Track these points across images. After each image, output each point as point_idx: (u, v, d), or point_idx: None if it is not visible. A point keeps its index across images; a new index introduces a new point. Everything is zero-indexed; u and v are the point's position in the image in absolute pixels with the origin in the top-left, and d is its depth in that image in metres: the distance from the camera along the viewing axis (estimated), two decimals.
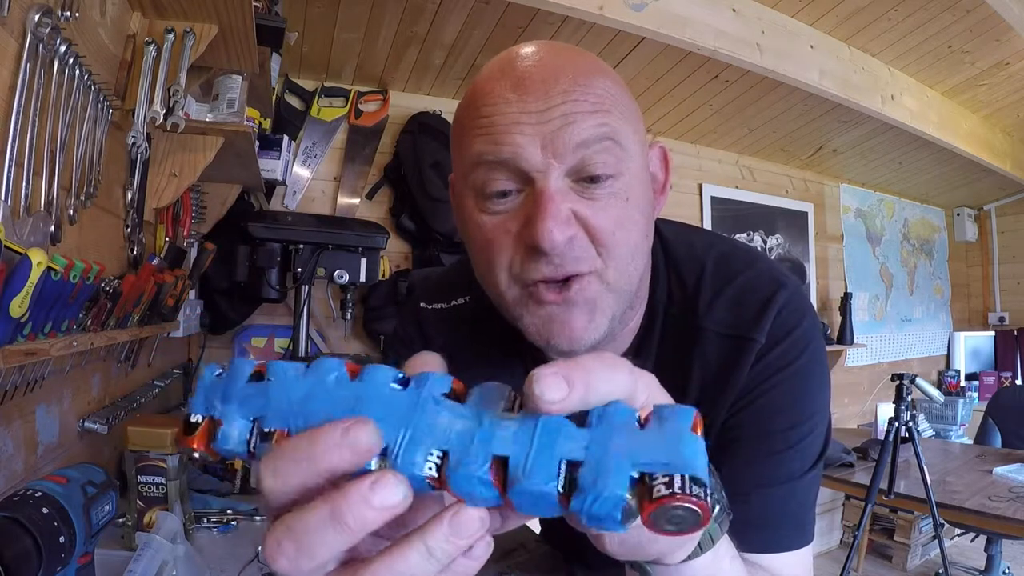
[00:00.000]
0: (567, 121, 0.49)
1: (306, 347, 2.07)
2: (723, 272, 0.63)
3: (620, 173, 0.52)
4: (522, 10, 1.90)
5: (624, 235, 0.52)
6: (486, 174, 0.52)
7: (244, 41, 1.35)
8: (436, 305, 0.73)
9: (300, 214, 2.18)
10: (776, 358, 0.59)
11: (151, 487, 1.03)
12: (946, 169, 3.74)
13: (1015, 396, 3.11)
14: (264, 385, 0.28)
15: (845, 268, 4.00)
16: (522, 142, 0.50)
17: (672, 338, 0.63)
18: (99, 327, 0.96)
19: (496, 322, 0.64)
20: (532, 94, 0.50)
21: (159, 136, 1.33)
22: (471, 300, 0.71)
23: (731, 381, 0.60)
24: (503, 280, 0.54)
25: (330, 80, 2.45)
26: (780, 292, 0.60)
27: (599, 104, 0.51)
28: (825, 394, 0.62)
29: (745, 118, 2.93)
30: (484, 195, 0.53)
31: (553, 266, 0.51)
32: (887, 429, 2.25)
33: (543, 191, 0.50)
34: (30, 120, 0.80)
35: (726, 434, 0.61)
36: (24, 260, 0.67)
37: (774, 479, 0.58)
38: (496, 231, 0.53)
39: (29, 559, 0.59)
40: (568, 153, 0.50)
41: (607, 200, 0.51)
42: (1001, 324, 4.64)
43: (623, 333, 0.63)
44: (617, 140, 0.51)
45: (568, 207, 0.50)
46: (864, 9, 2.31)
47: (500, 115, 0.51)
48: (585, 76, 0.51)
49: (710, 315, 0.61)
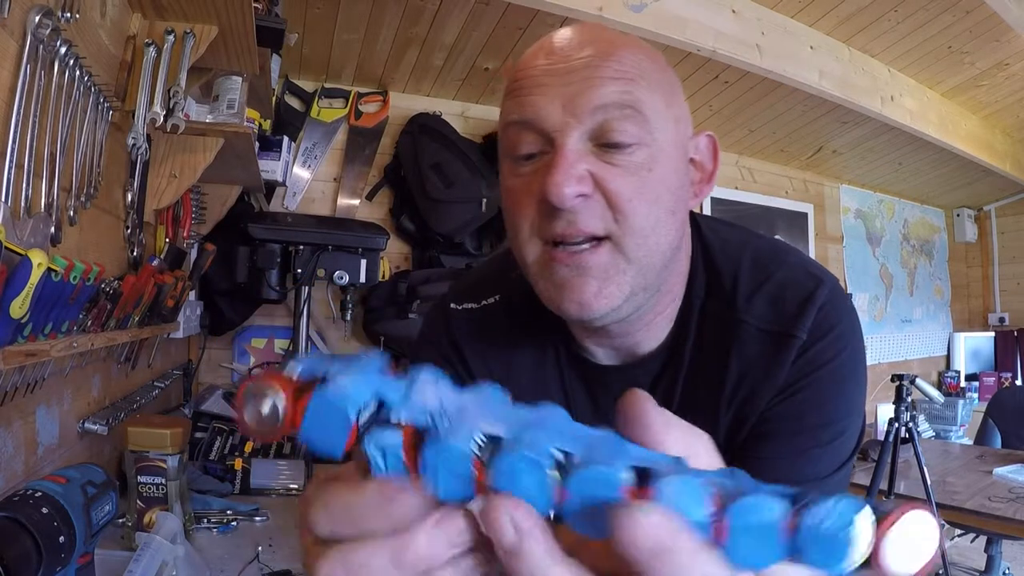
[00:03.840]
0: (588, 85, 0.51)
1: (306, 348, 2.07)
2: (762, 267, 0.63)
3: (643, 144, 0.52)
4: (522, 11, 1.91)
5: (643, 205, 0.52)
6: (515, 135, 0.54)
7: (244, 42, 1.35)
8: (466, 305, 0.72)
9: (300, 215, 2.18)
10: (816, 355, 0.59)
11: (151, 487, 1.03)
12: (946, 170, 3.74)
13: (1015, 397, 3.11)
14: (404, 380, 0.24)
15: (845, 269, 4.00)
16: (543, 102, 0.52)
17: (710, 331, 0.63)
18: (99, 328, 0.97)
19: (527, 315, 0.64)
20: (560, 60, 0.52)
21: (159, 137, 1.33)
22: (501, 299, 0.70)
23: (771, 376, 0.59)
24: (525, 238, 0.55)
25: (330, 81, 2.46)
26: (821, 288, 0.60)
27: (624, 72, 0.52)
28: (861, 394, 0.62)
29: (745, 119, 2.93)
30: (514, 158, 0.55)
31: (566, 222, 0.51)
32: (887, 430, 2.25)
33: (559, 148, 0.51)
34: (30, 121, 0.80)
35: (759, 428, 0.60)
36: (24, 261, 0.67)
37: (802, 477, 0.58)
38: (521, 192, 0.54)
39: (29, 559, 0.59)
40: (587, 114, 0.51)
41: (627, 167, 0.52)
42: (1001, 325, 4.64)
43: (657, 321, 0.62)
44: (640, 110, 0.52)
45: (585, 167, 0.51)
46: (864, 10, 2.31)
47: (528, 79, 0.53)
48: (615, 47, 0.53)
49: (750, 309, 0.61)
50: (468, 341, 0.70)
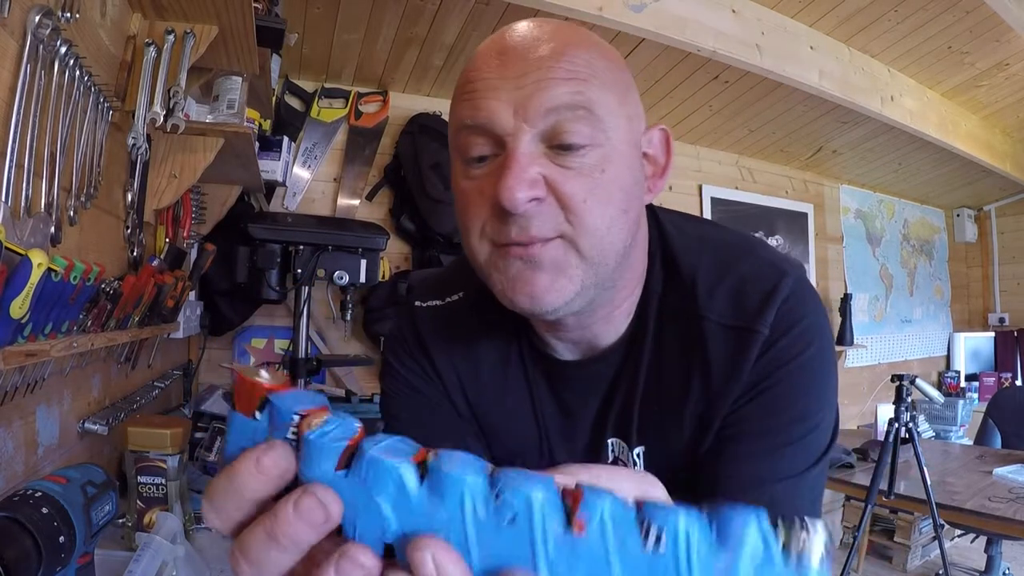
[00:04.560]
0: (539, 87, 0.50)
1: (306, 348, 2.07)
2: (724, 261, 0.62)
3: (596, 144, 0.52)
4: (522, 11, 1.90)
5: (597, 206, 0.52)
6: (466, 138, 0.54)
7: (244, 42, 1.35)
8: (431, 302, 0.72)
9: (300, 215, 2.18)
10: (781, 350, 0.57)
11: (151, 487, 1.03)
12: (946, 170, 3.74)
13: (1015, 397, 3.11)
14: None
15: (845, 269, 4.00)
16: (496, 107, 0.51)
17: (670, 326, 0.62)
18: (99, 328, 0.97)
19: (490, 312, 0.64)
20: (512, 62, 0.52)
21: (159, 137, 1.33)
22: (465, 296, 0.71)
23: (736, 374, 0.58)
24: (476, 240, 0.55)
25: (330, 81, 2.46)
26: (784, 281, 0.59)
27: (575, 73, 0.51)
28: (832, 387, 0.61)
29: (745, 119, 2.93)
30: (465, 160, 0.55)
31: (519, 227, 0.51)
32: (887, 430, 2.25)
33: (511, 152, 0.51)
34: (30, 121, 0.80)
35: (729, 428, 0.59)
36: (24, 261, 0.67)
37: (778, 475, 0.57)
38: (472, 194, 0.54)
39: (29, 559, 0.59)
40: (539, 118, 0.51)
41: (580, 169, 0.52)
42: (1001, 325, 4.64)
43: (615, 315, 0.62)
44: (592, 110, 0.52)
45: (538, 170, 0.51)
46: (864, 10, 2.31)
47: (481, 81, 0.53)
48: (567, 47, 0.52)
49: (711, 305, 0.60)
50: (433, 338, 0.70)
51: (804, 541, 0.21)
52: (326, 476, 0.25)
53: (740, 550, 0.21)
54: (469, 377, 0.69)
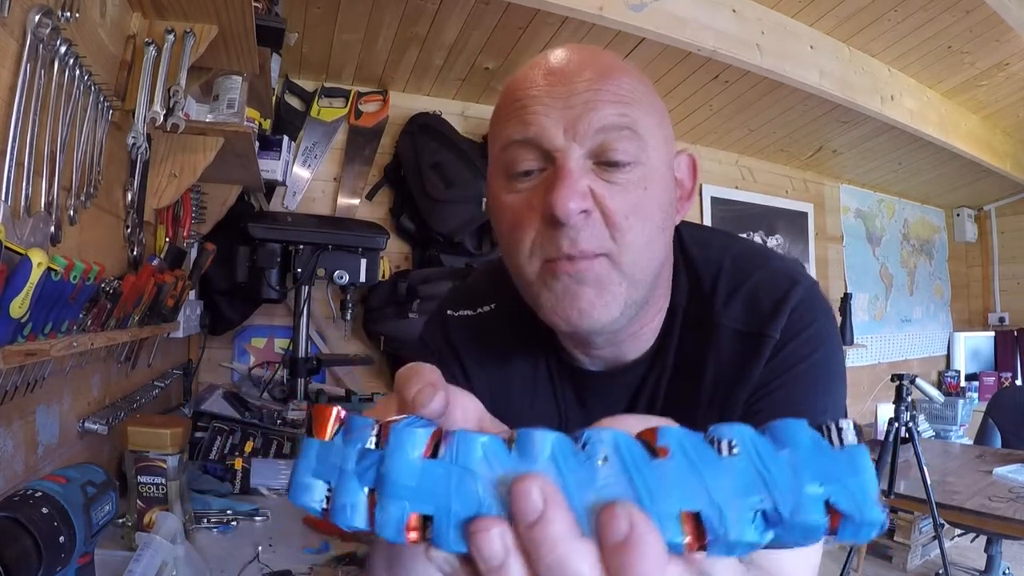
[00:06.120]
0: (589, 108, 0.53)
1: (306, 348, 2.07)
2: (739, 271, 0.64)
3: (639, 163, 0.55)
4: (522, 11, 1.91)
5: (638, 222, 0.54)
6: (514, 153, 0.56)
7: (244, 42, 1.35)
8: (462, 312, 0.74)
9: (300, 214, 2.18)
10: (789, 354, 0.60)
11: (151, 487, 1.03)
12: (946, 170, 3.74)
13: (1015, 396, 3.11)
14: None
15: (845, 268, 4.00)
16: (547, 123, 0.54)
17: (691, 335, 0.64)
18: (99, 328, 0.97)
19: (520, 325, 0.66)
20: (560, 82, 0.54)
21: (159, 136, 1.33)
22: (496, 307, 0.72)
23: (746, 377, 0.61)
24: (525, 254, 0.56)
25: (330, 81, 2.45)
26: (795, 289, 0.61)
27: (621, 96, 0.54)
28: (840, 392, 0.63)
29: (745, 118, 2.93)
30: (511, 175, 0.56)
31: (569, 239, 0.53)
32: (887, 429, 2.25)
33: (563, 166, 0.53)
34: (30, 120, 0.80)
35: None
36: (24, 261, 0.67)
37: None
38: (520, 207, 0.56)
39: (29, 559, 0.59)
40: (588, 136, 0.53)
41: (624, 185, 0.54)
42: (1001, 324, 4.64)
43: (644, 332, 0.64)
44: (637, 131, 0.54)
45: (586, 183, 0.53)
46: (864, 9, 2.31)
47: (530, 99, 0.55)
48: (611, 71, 0.55)
49: (726, 312, 0.63)
50: (465, 347, 0.72)
51: (840, 431, 0.25)
52: (415, 465, 0.25)
53: (797, 444, 0.25)
54: (499, 388, 0.71)
